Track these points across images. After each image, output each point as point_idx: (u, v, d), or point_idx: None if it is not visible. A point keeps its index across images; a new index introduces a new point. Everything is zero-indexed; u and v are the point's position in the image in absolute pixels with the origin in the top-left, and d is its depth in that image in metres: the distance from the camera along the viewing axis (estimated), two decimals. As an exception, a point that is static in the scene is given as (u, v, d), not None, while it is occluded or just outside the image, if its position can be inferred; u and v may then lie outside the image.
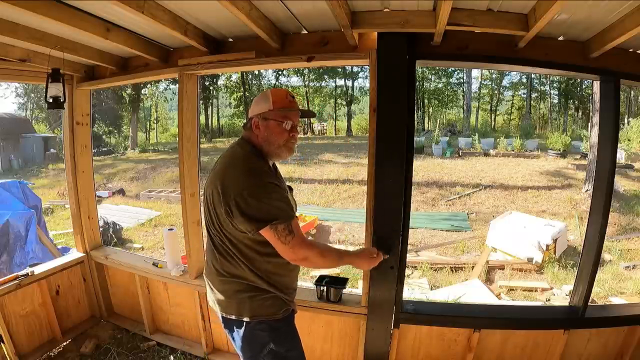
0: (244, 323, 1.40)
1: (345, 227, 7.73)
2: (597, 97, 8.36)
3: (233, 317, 1.41)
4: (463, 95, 26.71)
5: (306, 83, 26.98)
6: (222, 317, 1.46)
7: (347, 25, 1.60)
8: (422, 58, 1.82)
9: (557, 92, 25.67)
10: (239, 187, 1.29)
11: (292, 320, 1.52)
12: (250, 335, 1.41)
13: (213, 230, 1.41)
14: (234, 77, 25.64)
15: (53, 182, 13.20)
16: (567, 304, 2.29)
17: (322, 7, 1.51)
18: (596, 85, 6.38)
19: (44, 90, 2.10)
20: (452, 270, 5.63)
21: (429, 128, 24.65)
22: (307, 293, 2.16)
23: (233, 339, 1.47)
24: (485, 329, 2.08)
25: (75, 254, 2.88)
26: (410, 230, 2.45)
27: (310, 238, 1.45)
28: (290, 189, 1.55)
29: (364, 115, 29.60)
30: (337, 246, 1.49)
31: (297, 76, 27.21)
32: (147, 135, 28.25)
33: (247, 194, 1.27)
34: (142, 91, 24.70)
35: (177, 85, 2.24)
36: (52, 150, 19.87)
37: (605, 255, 5.94)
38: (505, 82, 27.65)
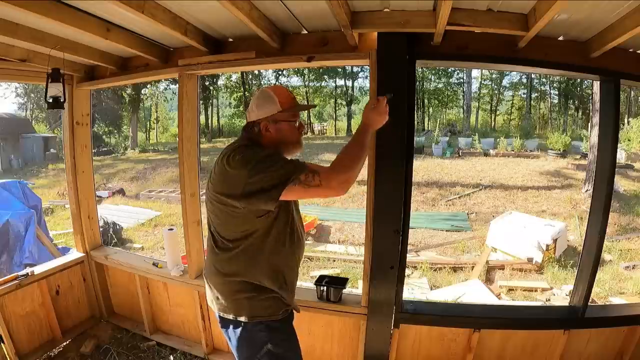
0: (242, 323, 1.39)
1: (345, 227, 7.74)
2: (597, 97, 8.37)
3: (231, 317, 1.41)
4: (463, 95, 26.71)
5: (306, 83, 26.99)
6: (219, 316, 1.46)
7: (347, 25, 1.60)
8: (422, 58, 1.82)
9: (557, 92, 25.67)
10: (246, 172, 1.27)
11: (291, 321, 1.52)
12: (248, 336, 1.40)
13: (214, 228, 1.42)
14: (234, 77, 25.65)
15: (53, 182, 13.19)
16: (567, 304, 2.30)
17: (322, 7, 1.51)
18: (596, 85, 6.38)
19: (44, 90, 2.10)
20: (452, 270, 5.63)
21: (429, 128, 24.63)
22: (307, 293, 2.16)
23: (229, 338, 1.46)
24: (485, 329, 2.08)
25: (75, 254, 2.88)
26: (410, 230, 2.45)
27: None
28: None
29: (364, 116, 29.49)
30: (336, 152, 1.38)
31: (297, 76, 27.21)
32: (147, 135, 28.22)
33: (254, 173, 1.25)
34: (142, 91, 24.71)
35: (177, 85, 2.24)
36: (52, 150, 19.87)
37: (605, 255, 5.94)
38: (505, 82, 27.67)
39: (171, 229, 2.60)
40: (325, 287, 2.12)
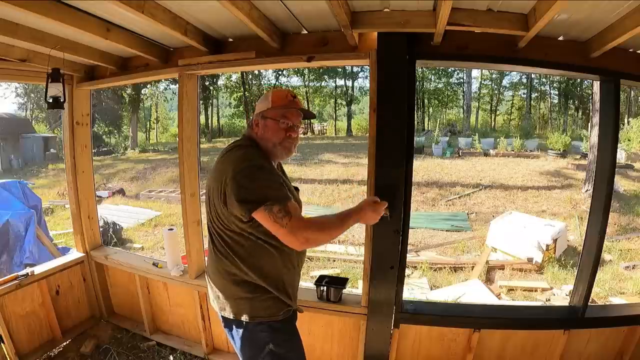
0: (243, 323, 1.40)
1: (345, 227, 7.72)
2: (597, 97, 8.37)
3: (232, 316, 1.41)
4: (463, 95, 26.73)
5: (306, 83, 26.98)
6: (222, 316, 1.46)
7: (347, 25, 1.60)
8: (422, 58, 1.82)
9: (557, 92, 25.68)
10: (232, 171, 1.29)
11: (294, 321, 1.52)
12: (250, 336, 1.41)
13: (212, 228, 1.42)
14: (234, 77, 25.64)
15: (53, 182, 13.19)
16: (567, 304, 2.30)
17: (322, 7, 1.51)
18: (596, 85, 6.38)
19: (44, 90, 2.10)
20: (452, 270, 5.63)
21: (429, 128, 24.63)
22: (307, 293, 2.16)
23: (232, 338, 1.46)
24: (485, 329, 2.08)
25: (75, 254, 2.88)
26: (410, 230, 2.46)
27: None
28: (297, 189, 1.55)
29: (364, 115, 29.59)
30: (333, 213, 1.44)
31: (297, 76, 27.22)
32: (147, 135, 28.23)
33: (240, 177, 1.27)
34: (142, 91, 24.72)
35: (177, 85, 2.24)
36: (52, 150, 19.88)
37: (605, 255, 5.94)
38: (505, 82, 27.70)
39: (171, 229, 2.60)
40: (325, 287, 2.12)
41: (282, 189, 1.34)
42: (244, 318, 1.39)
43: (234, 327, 1.43)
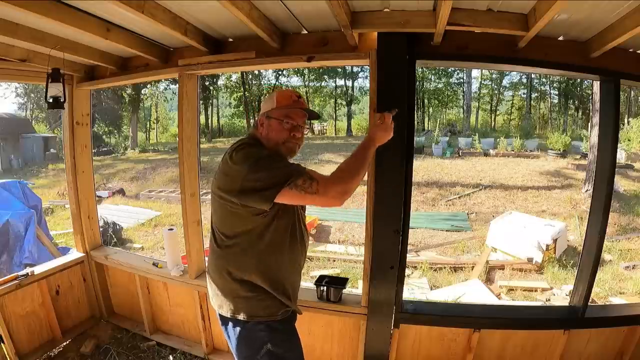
0: (241, 322, 1.39)
1: (345, 227, 7.74)
2: (597, 97, 8.37)
3: (229, 314, 1.40)
4: (463, 95, 26.73)
5: (306, 83, 26.98)
6: (219, 314, 1.46)
7: (347, 25, 1.60)
8: (422, 58, 1.82)
9: (557, 92, 25.68)
10: (243, 169, 1.29)
11: (293, 322, 1.51)
12: (248, 335, 1.40)
13: (214, 224, 1.42)
14: (234, 77, 25.62)
15: (53, 182, 13.19)
16: (567, 304, 2.30)
17: (322, 7, 1.51)
18: (596, 85, 6.38)
19: (44, 90, 2.10)
20: (452, 270, 5.63)
21: (429, 128, 24.63)
22: (307, 293, 2.16)
23: (229, 337, 1.46)
24: (485, 329, 2.08)
25: (75, 254, 2.88)
26: (410, 230, 2.46)
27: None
28: None
29: (364, 115, 29.61)
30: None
31: (297, 76, 27.21)
32: (147, 135, 28.22)
33: (252, 172, 1.27)
34: (142, 91, 24.69)
35: (177, 85, 2.24)
36: (52, 150, 19.88)
37: (605, 255, 5.94)
38: (505, 82, 27.68)
39: (171, 229, 2.60)
40: (325, 287, 2.12)
41: (294, 165, 1.33)
42: (242, 317, 1.38)
43: (230, 325, 1.43)
